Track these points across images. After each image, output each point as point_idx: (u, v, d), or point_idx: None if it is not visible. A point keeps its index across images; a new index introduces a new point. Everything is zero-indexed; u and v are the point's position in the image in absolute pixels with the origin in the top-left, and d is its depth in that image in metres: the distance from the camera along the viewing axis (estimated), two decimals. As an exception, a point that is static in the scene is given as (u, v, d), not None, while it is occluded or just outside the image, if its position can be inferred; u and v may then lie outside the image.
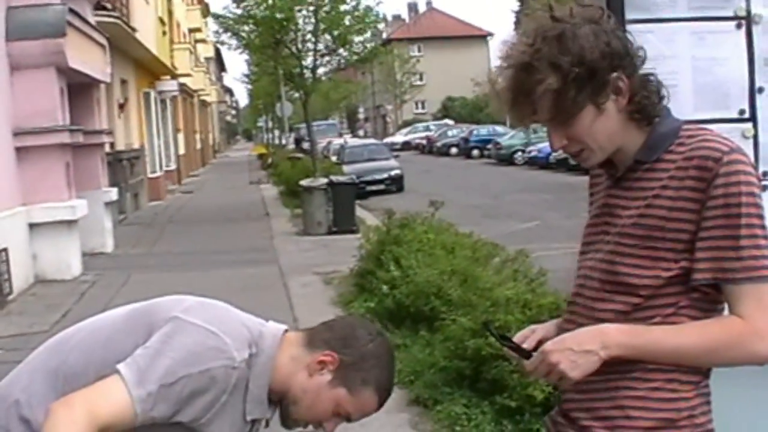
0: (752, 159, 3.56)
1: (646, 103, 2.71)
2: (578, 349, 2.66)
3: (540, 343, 2.88)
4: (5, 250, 15.16)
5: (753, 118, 3.59)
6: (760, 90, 3.58)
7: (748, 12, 3.56)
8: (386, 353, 3.12)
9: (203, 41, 72.56)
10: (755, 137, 3.59)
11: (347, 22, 30.13)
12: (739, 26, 3.56)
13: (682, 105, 3.53)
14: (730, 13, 3.56)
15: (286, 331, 3.13)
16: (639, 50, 2.75)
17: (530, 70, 2.65)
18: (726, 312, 2.67)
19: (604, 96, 2.66)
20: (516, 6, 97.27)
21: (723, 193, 2.59)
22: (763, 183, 3.57)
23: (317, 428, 3.14)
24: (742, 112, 3.58)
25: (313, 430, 3.18)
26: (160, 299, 3.09)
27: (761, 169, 3.59)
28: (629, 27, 3.44)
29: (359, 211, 24.57)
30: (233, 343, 2.90)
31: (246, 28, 31.53)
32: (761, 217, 2.62)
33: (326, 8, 29.80)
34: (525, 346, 2.92)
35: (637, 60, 2.73)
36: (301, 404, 3.04)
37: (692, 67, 3.53)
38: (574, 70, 2.61)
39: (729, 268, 2.60)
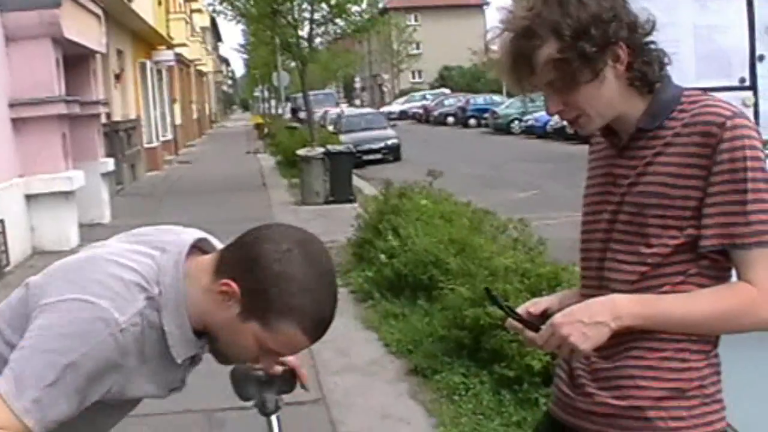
0: (753, 127, 3.58)
1: (646, 70, 2.69)
2: (589, 321, 2.63)
3: (545, 313, 2.87)
4: (2, 221, 15.14)
5: (753, 87, 3.58)
6: (761, 58, 3.57)
7: (750, -20, 3.56)
8: (303, 271, 2.54)
9: (199, 11, 72.33)
10: (755, 105, 3.58)
11: (344, -9, 30.04)
12: (740, -6, 3.55)
13: (684, 73, 3.52)
14: (732, -18, 3.55)
15: (196, 246, 2.74)
16: (643, 16, 2.71)
17: (530, 34, 2.63)
18: (735, 278, 2.65)
19: (602, 62, 2.63)
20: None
21: (728, 158, 2.58)
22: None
23: (256, 365, 2.81)
24: (742, 80, 3.57)
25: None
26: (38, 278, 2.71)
27: (763, 136, 3.57)
28: (631, -4, 3.43)
29: (356, 181, 24.54)
30: (112, 302, 2.48)
31: (242, -2, 31.48)
32: (767, 181, 2.59)
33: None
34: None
35: (639, 27, 2.69)
36: (221, 341, 2.64)
37: (694, 35, 3.52)
38: (574, 35, 2.59)
39: (737, 233, 2.58)
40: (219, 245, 2.83)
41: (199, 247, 2.75)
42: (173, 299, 2.58)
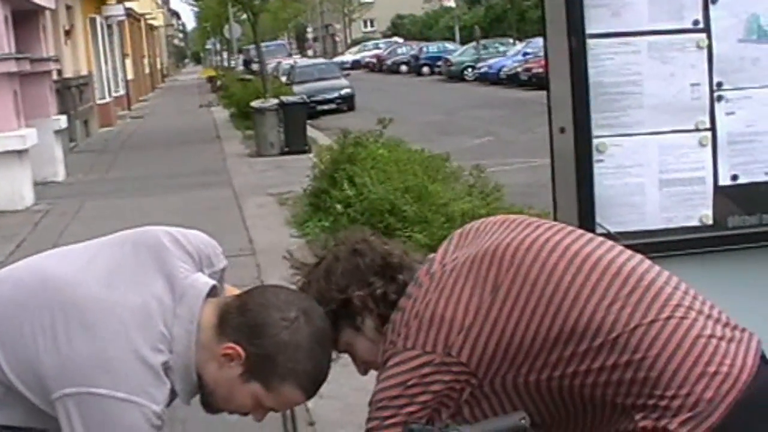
0: (707, 70, 3.60)
1: (387, 315, 2.77)
2: None
3: None
4: (-45, 181, 15.02)
5: (707, 29, 3.59)
6: (714, 0, 3.57)
7: None
8: (308, 339, 2.65)
9: (148, -37, 71.69)
10: (709, 48, 3.59)
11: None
12: (694, -64, 3.56)
13: (637, 16, 3.54)
14: (686, -76, 3.55)
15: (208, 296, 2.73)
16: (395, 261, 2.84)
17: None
18: None
19: (356, 319, 2.80)
20: None
21: None
22: (718, 93, 3.62)
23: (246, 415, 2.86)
24: (696, 22, 3.58)
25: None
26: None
27: (716, 79, 3.60)
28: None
29: (311, 131, 24.50)
30: (147, 396, 2.54)
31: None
32: None
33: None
34: None
35: (390, 294, 2.79)
36: (216, 396, 2.72)
37: (647, -21, 3.52)
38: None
39: None
40: (227, 289, 2.96)
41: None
42: (183, 364, 2.64)
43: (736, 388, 2.51)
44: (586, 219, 3.55)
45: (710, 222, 3.67)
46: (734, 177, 3.65)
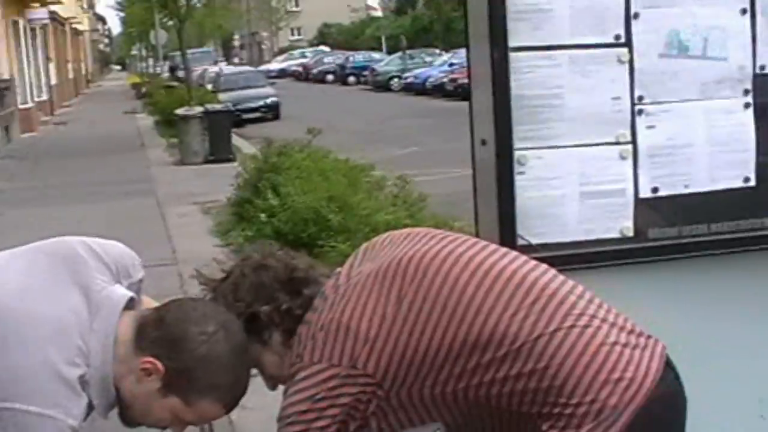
0: (628, 84, 3.63)
1: (294, 329, 2.80)
2: None
3: None
4: None
5: (628, 43, 3.62)
6: (636, 15, 3.61)
7: (627, -63, 3.59)
8: (227, 353, 2.64)
9: (73, -33, 71.03)
10: (631, 61, 3.63)
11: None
12: (617, -50, 3.59)
13: (558, 29, 3.56)
14: (609, -61, 3.58)
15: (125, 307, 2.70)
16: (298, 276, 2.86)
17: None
18: None
19: (263, 333, 2.81)
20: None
21: None
22: (638, 107, 3.66)
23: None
24: (617, 36, 3.61)
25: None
26: None
27: (637, 93, 3.64)
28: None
29: (236, 140, 24.41)
30: (62, 410, 2.50)
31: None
32: None
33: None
34: None
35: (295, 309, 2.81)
36: (134, 409, 2.69)
37: (570, -8, 3.55)
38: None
39: None
40: (144, 300, 2.91)
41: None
42: (100, 378, 2.60)
43: (641, 394, 2.56)
44: (507, 230, 3.56)
45: (630, 234, 3.70)
46: (655, 189, 3.69)
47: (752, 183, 3.79)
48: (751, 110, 3.77)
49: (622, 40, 3.63)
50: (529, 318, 2.60)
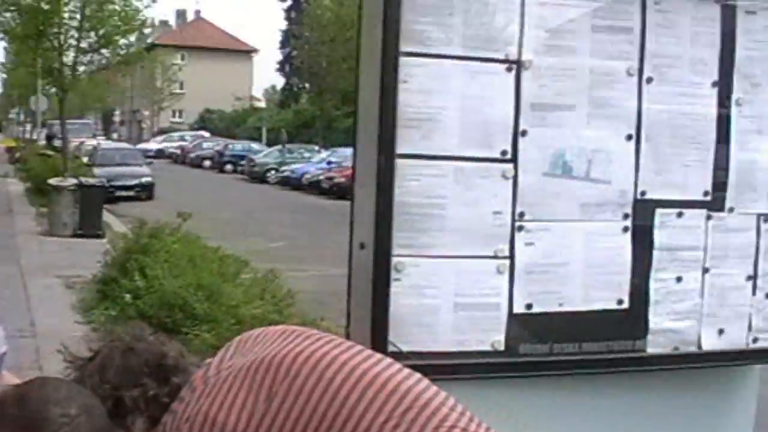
0: (511, 200, 3.66)
1: (158, 416, 2.76)
2: None
3: None
4: None
5: (514, 160, 3.65)
6: (524, 133, 3.65)
7: (519, 57, 3.64)
8: None
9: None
10: (515, 178, 3.66)
11: (114, 22, 29.69)
12: (509, 69, 3.63)
13: (446, 141, 3.58)
14: (502, 56, 3.62)
15: None
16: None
17: None
18: None
19: (127, 418, 2.74)
20: (284, 25, 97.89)
21: None
22: (519, 223, 3.68)
23: None
24: (504, 152, 3.64)
25: None
26: None
27: (519, 209, 3.66)
28: (402, 59, 3.47)
29: (107, 216, 24.15)
30: None
31: (8, 14, 30.63)
32: None
33: (94, 5, 29.27)
34: None
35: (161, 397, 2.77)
36: None
37: (461, 105, 3.57)
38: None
39: None
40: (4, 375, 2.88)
41: None
42: None
43: None
44: (380, 336, 3.53)
45: (502, 348, 3.69)
46: (529, 305, 3.71)
47: (625, 305, 3.84)
48: (629, 234, 3.83)
49: (509, 156, 3.66)
50: (400, 427, 2.56)
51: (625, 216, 3.83)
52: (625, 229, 3.83)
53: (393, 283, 3.56)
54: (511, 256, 3.68)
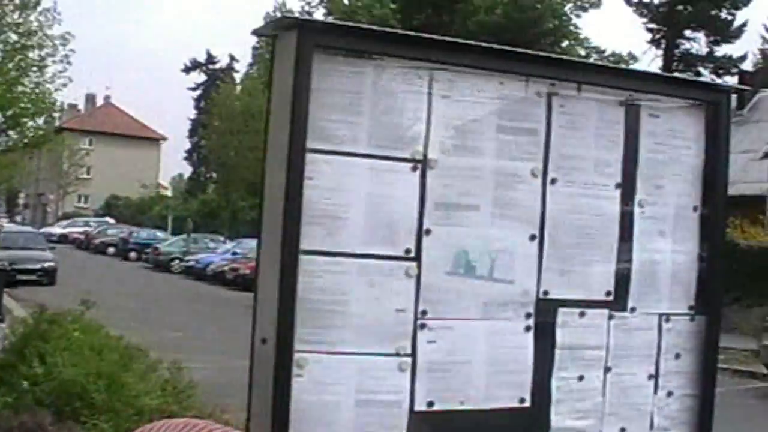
0: (413, 298, 3.67)
1: None
2: None
3: None
4: None
5: (418, 258, 3.67)
6: (428, 232, 3.68)
7: (425, 156, 3.67)
8: None
9: None
10: (418, 276, 3.67)
11: (23, 104, 29.48)
12: (414, 168, 3.66)
13: (351, 238, 3.58)
14: (408, 155, 3.65)
15: None
16: None
17: None
18: None
19: None
20: (193, 113, 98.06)
21: None
22: (421, 321, 3.69)
23: None
24: (408, 251, 3.66)
25: None
26: None
27: (421, 307, 3.67)
28: (309, 156, 3.48)
29: (7, 300, 23.73)
30: None
31: None
32: None
33: (3, 86, 29.06)
34: None
35: None
36: None
37: (366, 203, 3.59)
38: None
39: None
40: None
41: None
42: None
43: None
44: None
45: (403, 446, 3.68)
46: (430, 403, 3.70)
47: (527, 404, 3.86)
48: (531, 333, 3.87)
49: (412, 254, 3.68)
50: None
51: (528, 315, 3.87)
52: (528, 328, 3.86)
53: (294, 379, 3.54)
54: (413, 354, 3.68)
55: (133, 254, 63.69)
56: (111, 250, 67.84)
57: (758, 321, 22.02)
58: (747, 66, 57.71)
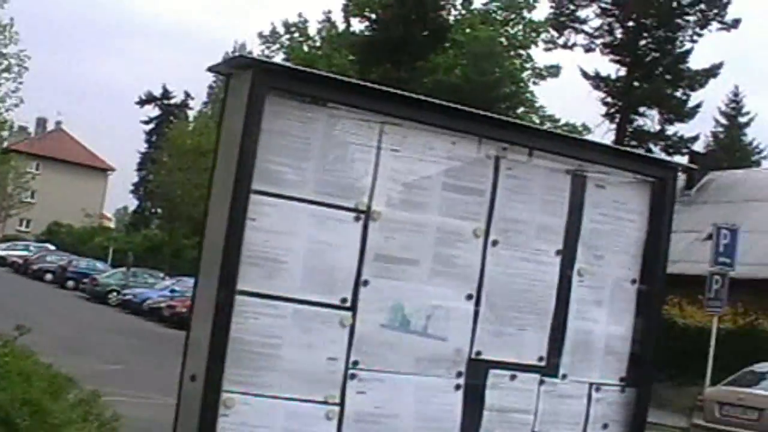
0: (346, 347, 3.66)
1: None
2: None
3: None
4: None
5: (353, 308, 3.67)
6: (365, 282, 3.68)
7: (369, 207, 3.68)
8: None
9: None
10: (352, 326, 3.67)
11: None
12: (357, 219, 3.67)
13: (288, 283, 3.57)
14: (352, 205, 3.66)
15: None
16: None
17: None
18: None
19: None
20: (144, 147, 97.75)
21: None
22: (352, 371, 3.67)
23: None
24: (344, 300, 3.66)
25: None
26: None
27: (353, 357, 3.67)
28: (253, 197, 3.48)
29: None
30: None
31: None
32: None
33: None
34: None
35: None
36: None
37: (307, 248, 3.59)
38: None
39: None
40: None
41: None
42: None
43: None
44: (202, 472, 3.47)
45: (324, 497, 3.66)
46: (355, 455, 3.69)
47: (452, 463, 3.84)
48: (461, 392, 3.87)
49: (348, 304, 3.68)
50: None
51: (459, 374, 3.87)
52: (458, 387, 3.87)
53: (221, 419, 3.52)
54: (342, 403, 3.68)
55: (71, 283, 62.96)
56: (49, 276, 67.02)
57: (691, 400, 22.11)
58: (699, 147, 58.41)
